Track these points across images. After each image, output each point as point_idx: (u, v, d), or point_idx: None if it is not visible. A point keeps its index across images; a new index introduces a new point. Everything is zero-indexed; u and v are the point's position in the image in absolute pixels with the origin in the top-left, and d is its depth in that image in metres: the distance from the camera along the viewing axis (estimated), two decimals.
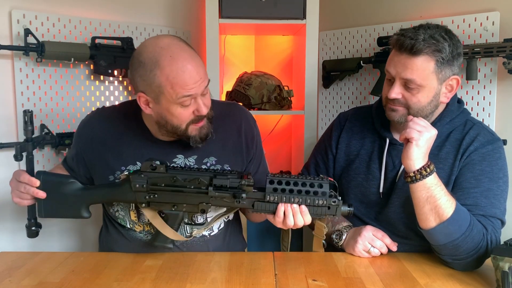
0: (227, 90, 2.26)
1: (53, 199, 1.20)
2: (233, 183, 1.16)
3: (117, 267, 1.19)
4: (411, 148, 1.14)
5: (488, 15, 1.67)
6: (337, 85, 2.21)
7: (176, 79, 1.12)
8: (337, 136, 1.48)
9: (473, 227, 1.15)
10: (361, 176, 1.38)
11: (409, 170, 1.15)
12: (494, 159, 1.25)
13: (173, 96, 1.14)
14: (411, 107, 1.25)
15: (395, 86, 1.25)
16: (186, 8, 2.23)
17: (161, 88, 1.14)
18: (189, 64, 1.14)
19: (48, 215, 1.21)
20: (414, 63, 1.20)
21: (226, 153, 1.33)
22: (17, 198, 1.21)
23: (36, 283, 1.10)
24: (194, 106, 1.19)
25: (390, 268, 1.21)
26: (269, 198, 1.14)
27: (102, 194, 1.23)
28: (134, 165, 1.28)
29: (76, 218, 1.23)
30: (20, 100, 1.67)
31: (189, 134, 1.22)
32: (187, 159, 1.30)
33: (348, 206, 1.16)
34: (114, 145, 1.29)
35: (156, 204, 1.19)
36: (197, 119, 1.20)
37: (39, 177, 1.19)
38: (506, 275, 1.00)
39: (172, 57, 1.13)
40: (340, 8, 2.21)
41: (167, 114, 1.18)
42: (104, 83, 1.93)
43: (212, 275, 1.14)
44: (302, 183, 1.14)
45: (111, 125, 1.32)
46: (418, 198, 1.15)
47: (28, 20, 1.66)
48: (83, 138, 1.33)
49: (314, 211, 1.14)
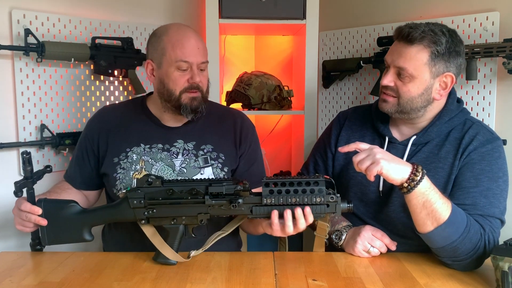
0: (227, 90, 2.26)
1: (55, 225, 1.22)
2: (229, 189, 1.16)
3: (117, 267, 1.19)
4: (387, 177, 1.12)
5: (488, 15, 1.67)
6: (337, 85, 2.21)
7: (177, 42, 1.32)
8: (337, 134, 1.49)
9: (470, 228, 1.15)
10: (360, 175, 1.38)
11: (401, 183, 1.13)
12: (493, 158, 1.26)
13: (172, 57, 1.31)
14: (401, 96, 1.27)
15: (388, 74, 1.28)
16: (186, 8, 2.23)
17: (164, 50, 1.33)
18: (192, 37, 1.34)
19: (52, 242, 1.24)
20: (408, 52, 1.23)
21: (221, 144, 1.44)
22: (20, 226, 1.25)
23: (36, 283, 1.10)
24: (189, 75, 1.34)
25: (390, 268, 1.21)
26: (266, 201, 1.14)
27: (102, 215, 1.25)
28: (138, 146, 1.39)
29: (79, 242, 1.25)
30: (20, 100, 1.67)
31: (181, 102, 1.34)
32: (186, 144, 1.41)
33: (347, 203, 1.15)
34: (122, 129, 1.42)
35: (155, 220, 1.20)
36: (190, 87, 1.34)
37: (40, 205, 1.21)
38: (506, 275, 1.00)
39: (179, 28, 1.36)
40: (340, 8, 2.21)
41: (165, 77, 1.34)
42: (104, 83, 1.93)
43: (212, 275, 1.15)
44: (297, 182, 1.14)
45: (119, 112, 1.47)
46: (414, 205, 1.14)
47: (28, 20, 1.66)
48: (93, 129, 1.44)
49: (313, 210, 1.14)
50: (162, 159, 1.39)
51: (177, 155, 1.40)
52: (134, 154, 1.39)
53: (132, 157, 1.39)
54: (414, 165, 1.13)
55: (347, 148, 1.20)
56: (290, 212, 1.12)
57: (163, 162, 1.39)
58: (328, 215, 1.27)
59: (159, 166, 1.39)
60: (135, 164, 1.38)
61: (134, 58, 1.93)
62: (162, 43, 1.33)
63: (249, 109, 2.15)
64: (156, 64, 1.36)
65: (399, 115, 1.31)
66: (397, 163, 1.13)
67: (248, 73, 2.21)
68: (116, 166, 1.39)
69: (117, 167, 1.39)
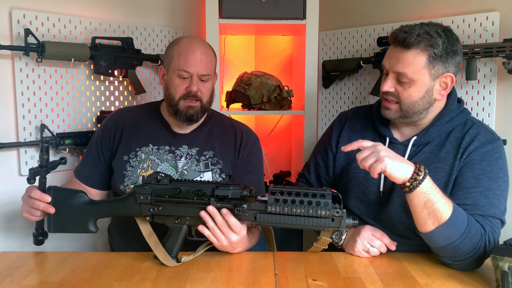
0: (227, 90, 2.26)
1: (62, 214, 1.23)
2: (235, 194, 1.17)
3: (117, 267, 1.19)
4: (390, 175, 1.11)
5: (488, 15, 1.67)
6: (337, 85, 2.21)
7: (183, 52, 1.40)
8: (337, 135, 1.49)
9: (471, 228, 1.15)
10: (361, 175, 1.39)
11: (403, 182, 1.12)
12: (494, 158, 1.26)
13: (176, 65, 1.40)
14: (402, 101, 1.27)
15: (388, 80, 1.27)
16: (186, 8, 2.23)
17: (172, 56, 1.42)
18: (197, 49, 1.41)
19: (57, 230, 1.24)
20: (406, 57, 1.22)
21: (222, 151, 1.50)
22: (27, 214, 1.26)
23: (36, 282, 1.10)
24: (188, 83, 1.41)
25: (389, 268, 1.21)
26: (270, 209, 1.14)
27: (109, 208, 1.26)
28: (147, 146, 1.47)
29: (83, 233, 1.26)
30: (20, 100, 1.67)
31: (178, 108, 1.42)
32: (190, 150, 1.48)
33: (352, 219, 1.14)
34: (134, 130, 1.49)
35: (159, 217, 1.21)
36: (188, 94, 1.40)
37: (50, 192, 1.22)
38: (506, 275, 1.00)
39: (190, 40, 1.45)
40: (340, 8, 2.21)
41: (169, 83, 1.43)
42: (104, 83, 1.93)
43: (212, 275, 1.15)
44: (304, 193, 1.13)
45: (134, 114, 1.55)
46: (416, 205, 1.14)
47: (28, 20, 1.66)
48: (110, 126, 1.51)
49: (317, 223, 1.13)
50: (168, 160, 1.47)
51: (181, 158, 1.47)
52: (143, 154, 1.47)
53: (140, 156, 1.46)
54: (417, 164, 1.13)
55: (350, 147, 1.19)
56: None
57: (168, 163, 1.46)
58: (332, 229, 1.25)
59: (164, 166, 1.46)
60: (143, 162, 1.46)
61: (134, 58, 1.93)
62: (172, 51, 1.43)
63: (249, 109, 2.15)
64: (166, 70, 1.46)
65: (402, 120, 1.31)
66: (400, 162, 1.12)
67: (248, 73, 2.21)
68: (125, 164, 1.46)
69: (127, 165, 1.46)
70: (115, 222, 1.58)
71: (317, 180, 1.54)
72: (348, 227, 1.15)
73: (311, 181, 1.55)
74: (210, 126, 1.53)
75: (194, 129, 1.52)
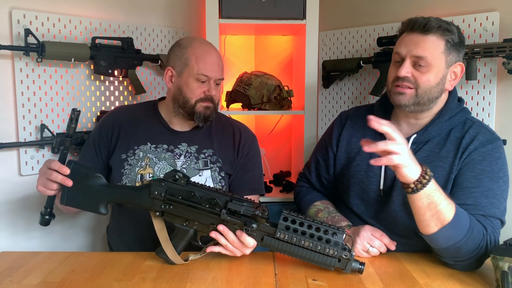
0: (227, 90, 2.26)
1: (78, 190, 1.22)
2: (247, 211, 1.16)
3: (117, 267, 1.19)
4: (401, 173, 1.09)
5: (488, 15, 1.67)
6: (337, 85, 2.21)
7: (201, 56, 1.43)
8: (338, 134, 1.49)
9: (473, 228, 1.14)
10: (361, 173, 1.39)
11: (409, 182, 1.10)
12: (494, 158, 1.26)
13: (194, 70, 1.43)
14: (420, 86, 1.26)
15: (405, 65, 1.27)
16: (186, 8, 2.23)
17: (188, 61, 1.43)
18: (214, 54, 1.47)
19: (70, 203, 1.23)
20: (426, 41, 1.24)
21: (221, 150, 1.53)
22: (42, 187, 1.24)
23: (36, 282, 1.10)
24: (206, 87, 1.45)
25: (389, 268, 1.21)
26: (279, 235, 1.13)
27: (122, 194, 1.26)
28: (145, 145, 1.48)
29: (94, 212, 1.25)
30: (20, 100, 1.67)
31: (195, 110, 1.45)
32: (189, 147, 1.50)
33: (359, 264, 1.12)
34: (132, 128, 1.50)
35: (169, 216, 1.20)
36: (205, 98, 1.45)
37: (70, 165, 1.22)
38: (506, 275, 1.00)
39: (202, 43, 1.49)
40: (340, 8, 2.21)
41: (184, 86, 1.45)
42: (104, 83, 1.93)
43: (212, 275, 1.15)
44: (316, 227, 1.12)
45: (131, 112, 1.56)
46: (418, 207, 1.12)
47: (28, 20, 1.66)
48: (108, 124, 1.51)
49: (323, 260, 1.12)
50: (166, 158, 1.47)
51: (180, 156, 1.48)
52: (141, 152, 1.48)
53: (138, 155, 1.48)
54: (423, 167, 1.11)
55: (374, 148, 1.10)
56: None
57: (166, 162, 1.47)
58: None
59: (162, 164, 1.46)
60: (141, 161, 1.47)
61: (134, 58, 1.93)
62: (186, 54, 1.44)
63: (249, 109, 2.15)
64: (177, 72, 1.46)
65: (414, 108, 1.29)
66: (414, 162, 1.10)
67: (248, 73, 2.21)
68: (123, 162, 1.47)
69: (125, 163, 1.47)
70: (114, 223, 1.58)
71: (318, 179, 1.54)
72: (354, 271, 1.13)
73: (311, 180, 1.55)
74: (209, 125, 1.54)
75: (193, 127, 1.53)
